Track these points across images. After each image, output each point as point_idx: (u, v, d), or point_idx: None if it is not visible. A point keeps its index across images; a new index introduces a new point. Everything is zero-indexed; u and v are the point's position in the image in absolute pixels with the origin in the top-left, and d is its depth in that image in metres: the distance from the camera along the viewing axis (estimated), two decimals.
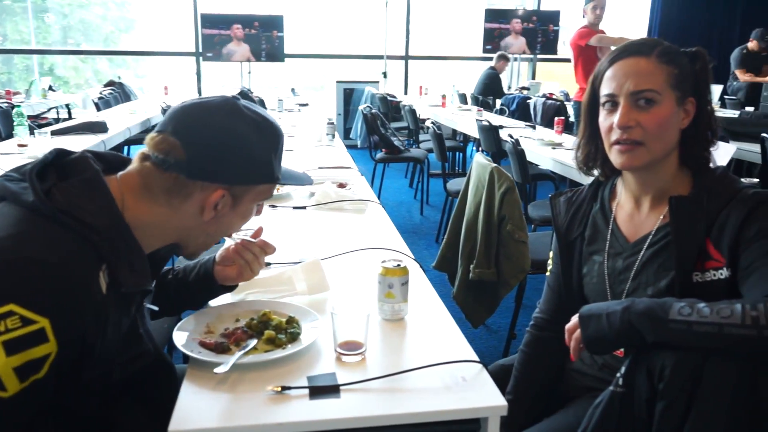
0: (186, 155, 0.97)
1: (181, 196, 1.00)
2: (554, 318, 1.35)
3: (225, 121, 1.00)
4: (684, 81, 1.14)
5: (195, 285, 1.28)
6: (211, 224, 1.04)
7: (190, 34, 8.44)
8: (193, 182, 0.99)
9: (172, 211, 1.00)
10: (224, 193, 1.01)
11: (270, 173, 1.07)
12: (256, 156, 1.03)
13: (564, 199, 1.35)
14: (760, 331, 0.90)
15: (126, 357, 1.03)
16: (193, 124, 0.99)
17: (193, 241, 1.08)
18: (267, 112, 1.08)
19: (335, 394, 1.00)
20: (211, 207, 1.01)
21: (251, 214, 1.11)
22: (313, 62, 9.27)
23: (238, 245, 1.26)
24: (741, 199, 1.08)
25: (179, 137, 0.97)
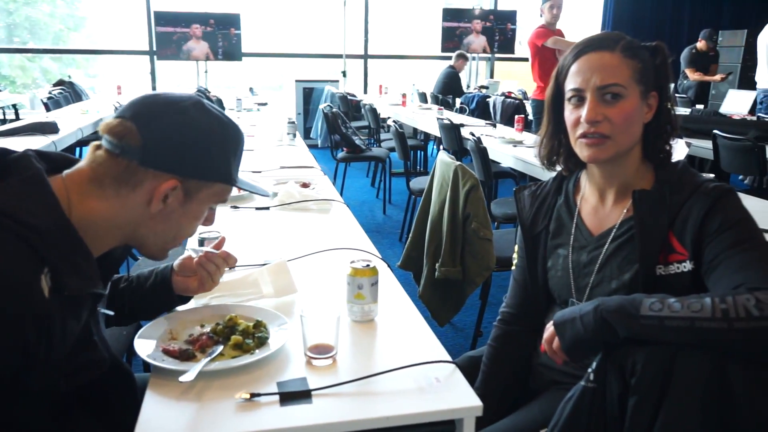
0: (141, 140, 0.93)
1: (130, 185, 0.95)
2: (521, 312, 1.35)
3: (187, 113, 0.97)
4: (647, 75, 1.15)
5: (151, 294, 1.23)
6: (158, 221, 0.99)
7: (143, 33, 8.22)
8: (145, 170, 0.94)
9: (119, 203, 0.95)
10: (176, 185, 0.96)
11: (227, 173, 1.03)
12: (214, 152, 1.00)
13: (528, 192, 1.35)
14: (730, 324, 0.92)
15: (78, 365, 0.97)
16: (154, 112, 0.96)
17: (143, 241, 1.02)
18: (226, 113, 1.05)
19: (307, 400, 0.97)
20: (160, 197, 0.96)
21: (201, 216, 1.06)
22: (272, 61, 9.16)
23: (201, 257, 1.22)
24: (703, 192, 1.10)
25: (137, 122, 0.94)
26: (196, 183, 1.00)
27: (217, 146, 1.00)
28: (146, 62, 8.33)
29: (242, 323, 1.16)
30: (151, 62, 8.30)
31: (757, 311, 0.91)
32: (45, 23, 9.62)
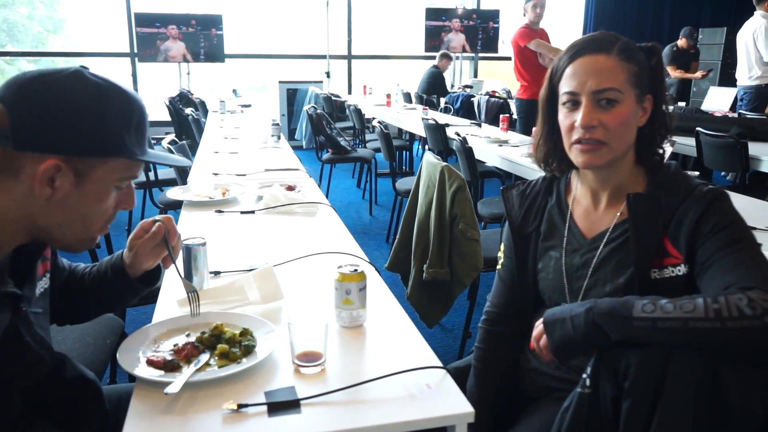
0: (10, 121, 0.85)
1: (12, 173, 0.88)
2: (507, 312, 1.34)
3: (58, 85, 0.88)
4: (642, 78, 1.14)
5: (109, 284, 1.20)
6: (55, 208, 0.92)
7: (124, 35, 8.13)
8: (23, 154, 0.87)
9: (6, 195, 0.89)
10: (59, 165, 0.87)
11: (120, 147, 0.93)
12: (96, 125, 0.90)
13: (516, 192, 1.34)
14: (723, 323, 0.91)
15: (13, 369, 0.94)
16: (24, 89, 0.87)
17: (49, 233, 0.95)
18: (122, 82, 0.96)
19: (295, 410, 0.95)
20: (43, 181, 0.88)
21: (107, 197, 0.97)
22: (255, 63, 9.10)
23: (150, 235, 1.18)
24: (696, 196, 1.09)
25: (6, 104, 0.86)
26: (86, 161, 0.91)
27: (99, 117, 0.90)
28: (127, 64, 8.23)
29: (228, 331, 1.14)
30: (132, 64, 8.20)
31: (749, 310, 0.90)
32: (23, 26, 9.46)
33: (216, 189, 2.32)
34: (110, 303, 1.22)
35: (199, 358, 1.07)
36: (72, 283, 1.21)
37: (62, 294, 1.18)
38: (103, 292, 1.20)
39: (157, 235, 1.18)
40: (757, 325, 0.89)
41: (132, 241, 1.19)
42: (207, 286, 1.39)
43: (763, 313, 0.90)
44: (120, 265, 1.20)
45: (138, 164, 0.99)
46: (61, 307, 1.17)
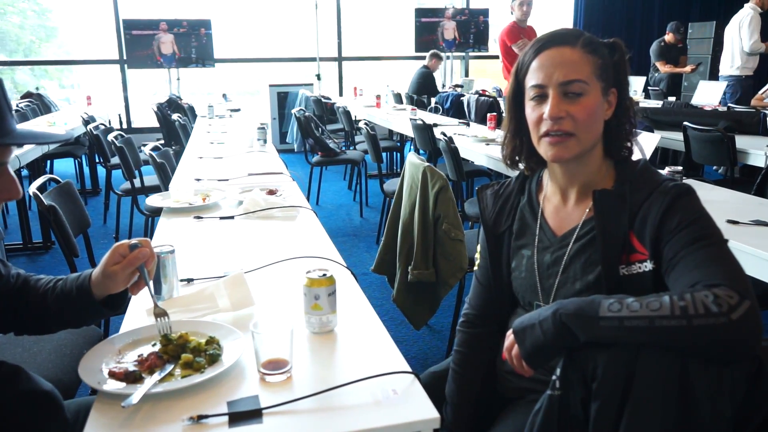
0: None
1: None
2: (484, 313, 1.33)
3: None
4: (606, 72, 1.13)
5: (70, 304, 1.16)
6: None
7: (113, 42, 8.10)
8: None
9: None
10: None
11: None
12: None
13: (491, 192, 1.32)
14: (689, 321, 0.89)
15: None
16: None
17: None
18: None
19: (257, 420, 0.93)
20: None
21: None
22: (247, 67, 9.07)
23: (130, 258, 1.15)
24: (661, 192, 1.08)
25: None
26: None
27: None
28: (117, 71, 8.21)
29: (194, 340, 1.12)
30: (122, 71, 8.17)
31: (715, 307, 0.89)
32: (16, 35, 9.43)
33: (196, 195, 2.30)
34: (72, 321, 1.18)
35: (162, 369, 1.05)
36: (29, 296, 1.18)
37: (17, 304, 1.15)
38: (66, 311, 1.16)
39: (136, 261, 1.14)
40: (723, 322, 0.88)
41: (107, 268, 1.14)
42: (177, 294, 1.37)
43: (729, 309, 0.88)
44: (87, 287, 1.15)
45: (6, 149, 0.94)
46: (16, 318, 1.14)
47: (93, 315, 1.18)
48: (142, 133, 7.95)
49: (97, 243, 4.28)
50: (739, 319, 0.88)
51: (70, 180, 2.33)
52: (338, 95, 8.59)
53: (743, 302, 0.89)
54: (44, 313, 1.17)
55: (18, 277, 1.21)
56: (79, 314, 1.17)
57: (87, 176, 5.80)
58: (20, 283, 1.20)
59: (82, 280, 1.17)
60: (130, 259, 1.14)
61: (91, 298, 1.15)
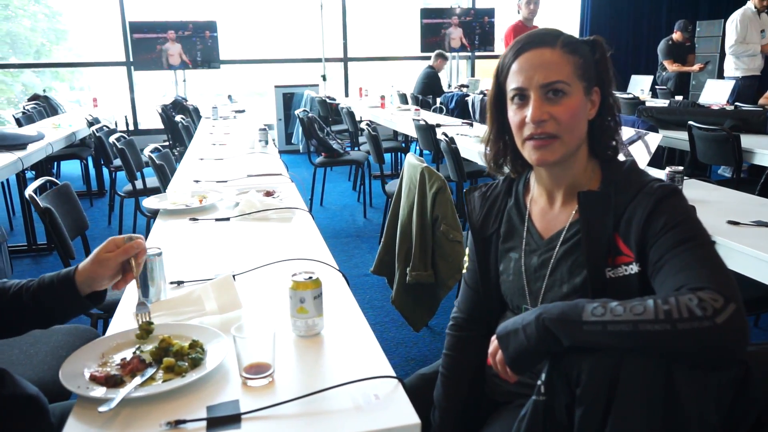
0: None
1: None
2: (473, 317, 1.31)
3: None
4: (588, 71, 1.12)
5: (50, 299, 1.14)
6: None
7: (120, 44, 8.15)
8: None
9: None
10: None
11: None
12: None
13: (478, 194, 1.31)
14: (674, 325, 0.87)
15: None
16: None
17: None
18: None
19: (235, 425, 0.92)
20: None
21: None
22: (253, 68, 9.09)
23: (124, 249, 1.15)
24: (647, 193, 1.06)
25: None
26: None
27: None
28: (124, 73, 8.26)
29: (177, 344, 1.11)
30: (129, 73, 8.21)
31: (700, 311, 0.87)
32: (26, 38, 9.51)
33: (193, 196, 2.30)
34: (48, 317, 1.15)
35: (143, 373, 1.04)
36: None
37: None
38: (45, 305, 1.14)
39: (131, 250, 1.15)
40: (708, 326, 0.86)
41: (101, 254, 1.14)
42: (164, 296, 1.37)
43: (714, 313, 0.86)
44: (71, 279, 1.14)
45: None
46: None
47: (73, 308, 1.15)
48: (149, 134, 7.99)
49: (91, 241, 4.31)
50: (725, 323, 0.85)
51: (68, 182, 2.34)
52: (344, 96, 8.59)
53: (728, 305, 0.87)
54: (15, 313, 1.14)
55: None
56: (59, 308, 1.14)
57: (93, 178, 5.83)
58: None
59: (66, 273, 1.16)
60: (126, 248, 1.15)
61: (74, 290, 1.14)
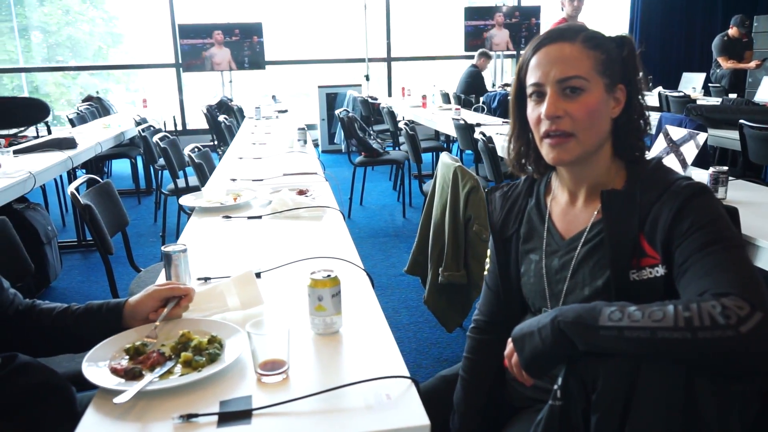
0: None
1: None
2: (494, 320, 1.29)
3: None
4: (612, 67, 1.07)
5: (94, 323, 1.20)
6: None
7: (170, 46, 8.38)
8: None
9: None
10: None
11: None
12: None
13: (500, 194, 1.28)
14: (694, 333, 0.83)
15: None
16: None
17: None
18: None
19: (246, 421, 0.93)
20: None
21: None
22: (298, 69, 9.20)
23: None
24: (673, 192, 1.01)
25: None
26: None
27: None
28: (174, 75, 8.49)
29: (196, 339, 1.13)
30: (177, 74, 8.44)
31: (723, 319, 0.82)
32: (85, 42, 9.89)
33: (228, 195, 2.34)
34: (82, 343, 1.17)
35: (162, 366, 1.06)
36: (38, 318, 1.21)
37: (18, 325, 1.20)
38: (87, 328, 1.19)
39: (177, 291, 1.23)
40: (731, 336, 0.81)
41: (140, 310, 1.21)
42: None
43: (738, 322, 0.82)
44: (120, 311, 1.21)
45: None
46: (16, 340, 1.18)
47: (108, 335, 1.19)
48: (196, 134, 8.19)
49: (146, 241, 4.45)
50: (749, 333, 0.81)
51: (109, 180, 2.41)
52: (387, 95, 8.60)
53: (755, 314, 0.82)
54: (54, 333, 1.20)
55: (15, 298, 1.24)
56: (99, 332, 1.18)
57: (141, 176, 6.01)
58: (24, 307, 1.24)
59: (115, 304, 1.22)
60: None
61: (118, 322, 1.20)
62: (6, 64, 9.07)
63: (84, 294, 3.48)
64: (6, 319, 1.20)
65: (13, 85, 9.49)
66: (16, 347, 1.18)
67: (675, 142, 2.64)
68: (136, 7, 9.39)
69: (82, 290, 3.54)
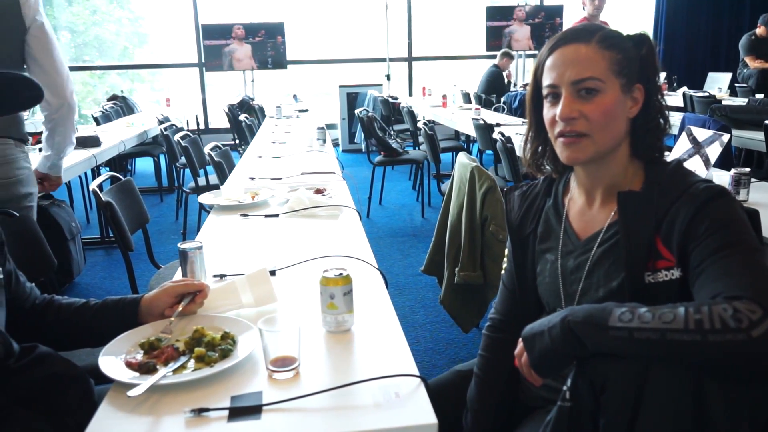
0: None
1: None
2: (509, 319, 1.28)
3: None
4: (629, 67, 1.07)
5: (112, 317, 1.23)
6: None
7: (193, 46, 8.49)
8: None
9: None
10: None
11: None
12: None
13: (519, 193, 1.28)
14: (704, 336, 0.82)
15: None
16: None
17: None
18: None
19: (255, 415, 0.94)
20: None
21: None
22: (319, 68, 9.24)
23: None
24: (691, 195, 1.00)
25: None
26: None
27: None
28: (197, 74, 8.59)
29: (209, 335, 1.15)
30: (200, 74, 8.54)
31: (734, 322, 0.81)
32: (111, 41, 10.06)
33: (246, 193, 2.36)
34: (100, 337, 1.20)
35: (176, 362, 1.08)
36: (57, 313, 1.25)
37: (39, 321, 1.24)
38: (104, 323, 1.22)
39: (192, 287, 1.26)
40: (742, 339, 0.80)
41: (155, 305, 1.24)
42: None
43: (749, 326, 0.80)
44: (136, 306, 1.24)
45: None
46: (38, 334, 1.22)
47: (124, 330, 1.22)
48: (218, 133, 8.28)
49: (167, 238, 4.51)
50: (761, 337, 0.80)
51: (131, 178, 2.45)
52: (408, 95, 8.60)
53: (767, 318, 0.81)
54: (73, 328, 1.24)
55: (32, 291, 1.28)
56: (116, 327, 1.20)
57: (164, 174, 6.09)
58: (42, 301, 1.28)
59: (131, 300, 1.25)
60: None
61: (134, 318, 1.23)
62: None
63: (106, 289, 3.55)
64: (23, 312, 1.23)
65: None
66: (36, 340, 1.21)
67: (699, 142, 2.61)
68: (161, 7, 9.52)
69: (104, 286, 3.61)
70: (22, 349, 1.13)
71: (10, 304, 1.17)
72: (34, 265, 1.77)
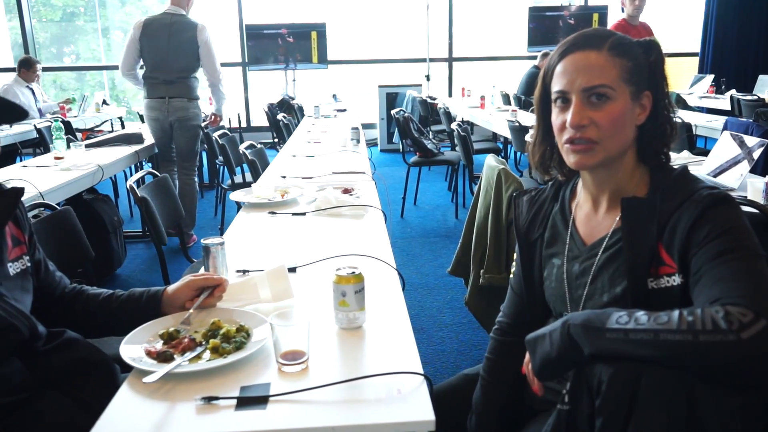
0: None
1: None
2: (516, 322, 1.30)
3: None
4: (638, 74, 1.07)
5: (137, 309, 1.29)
6: None
7: (237, 45, 8.67)
8: None
9: None
10: None
11: None
12: None
13: (527, 198, 1.29)
14: (695, 336, 0.83)
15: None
16: None
17: None
18: None
19: (261, 406, 0.98)
20: None
21: None
22: (360, 68, 9.31)
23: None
24: (693, 201, 1.00)
25: None
26: None
27: None
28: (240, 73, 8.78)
29: (225, 327, 1.20)
30: (243, 73, 8.71)
31: (724, 324, 0.82)
32: None
33: (276, 191, 2.42)
34: (126, 327, 1.25)
35: (192, 351, 1.13)
36: (85, 303, 1.33)
37: (68, 310, 1.31)
38: (129, 314, 1.28)
39: (211, 281, 1.31)
40: (732, 341, 0.81)
41: (176, 298, 1.30)
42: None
43: (740, 327, 0.81)
44: (158, 299, 1.30)
45: None
46: (67, 322, 1.29)
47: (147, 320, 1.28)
48: (259, 131, 8.42)
49: (206, 233, 4.63)
50: (751, 339, 0.80)
51: (166, 175, 2.55)
52: (447, 96, 8.59)
53: (758, 321, 0.81)
54: (101, 317, 1.31)
55: (61, 281, 1.36)
56: (139, 317, 1.27)
57: (206, 171, 6.25)
58: (71, 290, 1.36)
59: (155, 292, 1.32)
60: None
61: (157, 309, 1.29)
62: (90, 62, 9.69)
63: (144, 281, 3.68)
64: (53, 300, 1.31)
65: (95, 82, 10.07)
66: (67, 327, 1.28)
67: (749, 147, 2.55)
68: (207, 7, 9.75)
69: (142, 278, 3.74)
70: (50, 333, 1.21)
71: (38, 292, 1.25)
72: (72, 255, 1.87)
